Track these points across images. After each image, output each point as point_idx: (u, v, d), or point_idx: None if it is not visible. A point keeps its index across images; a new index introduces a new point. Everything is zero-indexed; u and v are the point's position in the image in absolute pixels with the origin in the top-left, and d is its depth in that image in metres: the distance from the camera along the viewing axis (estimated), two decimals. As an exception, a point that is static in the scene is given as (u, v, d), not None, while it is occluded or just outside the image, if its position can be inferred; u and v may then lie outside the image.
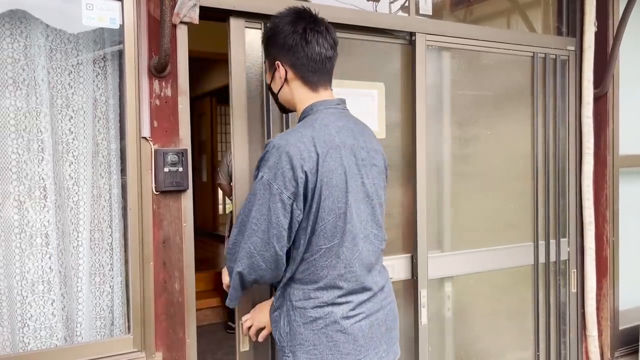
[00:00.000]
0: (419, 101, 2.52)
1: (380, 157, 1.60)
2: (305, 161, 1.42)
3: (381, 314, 1.59)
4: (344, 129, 1.51)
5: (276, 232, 1.45)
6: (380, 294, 1.60)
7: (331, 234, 1.47)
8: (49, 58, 1.91)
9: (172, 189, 1.95)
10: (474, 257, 2.75)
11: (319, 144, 1.44)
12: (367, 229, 1.55)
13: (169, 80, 1.95)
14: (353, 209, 1.48)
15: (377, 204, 1.57)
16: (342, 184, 1.46)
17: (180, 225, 1.98)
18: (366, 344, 1.53)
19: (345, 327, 1.51)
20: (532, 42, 2.87)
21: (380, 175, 1.59)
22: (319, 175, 1.43)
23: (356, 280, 1.53)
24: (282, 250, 1.48)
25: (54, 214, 1.92)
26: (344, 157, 1.47)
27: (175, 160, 1.93)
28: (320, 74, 1.54)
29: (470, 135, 2.79)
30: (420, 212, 2.52)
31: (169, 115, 1.96)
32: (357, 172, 1.51)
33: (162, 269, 1.96)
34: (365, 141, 1.56)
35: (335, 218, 1.47)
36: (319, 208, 1.44)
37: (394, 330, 1.66)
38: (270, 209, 1.44)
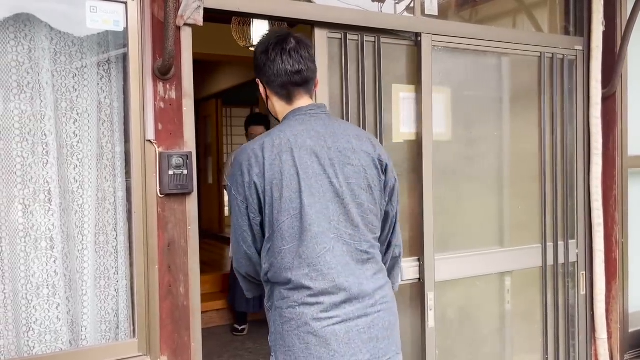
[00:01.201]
0: (424, 102, 2.50)
1: (357, 157, 1.57)
2: (252, 167, 1.51)
3: (364, 320, 1.52)
4: (305, 132, 1.56)
5: (240, 233, 1.57)
6: (366, 300, 1.54)
7: (288, 234, 1.50)
8: (53, 61, 1.90)
9: (177, 192, 1.94)
10: (482, 259, 2.72)
11: (267, 148, 1.52)
12: (340, 229, 1.53)
13: (173, 83, 1.94)
14: (313, 208, 1.50)
15: (351, 204, 1.54)
16: (295, 185, 1.50)
17: (185, 229, 1.97)
18: (341, 349, 1.48)
19: (315, 329, 1.49)
20: (539, 42, 2.85)
21: (357, 174, 1.56)
22: (266, 178, 1.50)
23: (324, 280, 1.50)
24: (249, 250, 1.57)
25: (58, 217, 1.91)
26: (299, 159, 1.51)
27: (179, 163, 1.92)
28: (292, 87, 1.62)
29: (477, 136, 2.76)
30: (427, 215, 2.50)
31: (174, 118, 1.95)
32: (321, 172, 1.53)
33: (167, 272, 1.95)
34: (335, 142, 1.57)
35: (291, 219, 1.50)
36: (272, 210, 1.51)
37: (384, 341, 1.56)
38: (234, 213, 1.57)
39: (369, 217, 1.58)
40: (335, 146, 1.56)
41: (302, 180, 1.50)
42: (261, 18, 2.11)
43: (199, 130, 8.76)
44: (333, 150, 1.55)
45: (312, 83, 1.66)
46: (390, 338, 1.58)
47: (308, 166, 1.52)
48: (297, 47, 1.61)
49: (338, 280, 1.51)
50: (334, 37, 2.30)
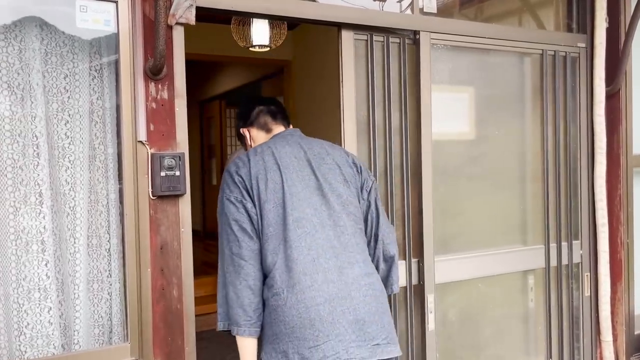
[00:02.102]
0: (423, 101, 2.46)
1: (331, 158, 1.76)
2: (239, 168, 1.71)
3: (348, 302, 1.57)
4: (285, 142, 1.78)
5: (237, 227, 1.64)
6: (350, 283, 1.60)
7: (274, 221, 1.63)
8: (44, 62, 1.88)
9: (169, 194, 1.91)
10: (483, 260, 2.68)
11: (252, 154, 1.74)
12: (323, 217, 1.66)
13: (165, 83, 1.91)
14: (294, 197, 1.65)
15: (330, 194, 1.69)
16: (277, 177, 1.67)
17: (178, 231, 1.94)
18: (325, 329, 1.53)
19: (300, 311, 1.54)
20: (541, 39, 2.80)
21: (333, 171, 1.73)
22: (252, 174, 1.68)
23: (305, 260, 1.59)
24: (251, 240, 1.64)
25: (50, 220, 1.89)
26: (280, 158, 1.71)
27: (172, 164, 1.89)
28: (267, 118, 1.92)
29: (477, 135, 2.72)
30: (426, 215, 2.46)
31: (166, 119, 1.92)
32: (300, 168, 1.71)
33: (159, 275, 1.91)
34: (310, 148, 1.77)
35: (275, 207, 1.64)
36: (260, 199, 1.65)
37: (372, 325, 1.59)
38: (228, 215, 1.66)
39: (350, 208, 1.71)
40: (310, 152, 1.76)
41: (284, 174, 1.68)
42: (256, 17, 2.07)
43: (202, 132, 8.82)
44: (309, 154, 1.75)
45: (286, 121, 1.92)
46: (379, 324, 1.60)
47: (288, 163, 1.71)
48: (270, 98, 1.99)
49: (318, 261, 1.60)
50: (360, 39, 2.36)
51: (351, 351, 1.54)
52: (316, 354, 1.52)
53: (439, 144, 2.56)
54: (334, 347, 1.53)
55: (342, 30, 2.33)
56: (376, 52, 2.38)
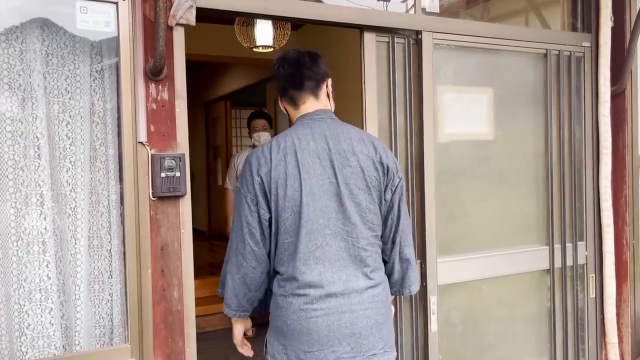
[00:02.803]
0: (426, 102, 2.45)
1: (356, 159, 1.67)
2: (261, 167, 1.66)
3: (347, 316, 1.63)
4: (309, 134, 1.69)
5: (247, 230, 1.66)
6: (353, 296, 1.64)
7: (291, 229, 1.64)
8: (45, 63, 1.88)
9: (170, 195, 1.90)
10: (486, 261, 2.66)
11: (274, 150, 1.67)
12: (337, 226, 1.65)
13: (165, 84, 1.91)
14: (310, 207, 1.63)
15: (349, 202, 1.65)
16: (297, 184, 1.63)
17: (179, 232, 1.94)
18: (320, 340, 1.61)
19: (300, 318, 1.62)
20: (545, 38, 2.78)
21: (356, 175, 1.66)
22: (272, 177, 1.64)
23: (312, 273, 1.62)
24: (256, 246, 1.66)
25: (51, 221, 1.89)
26: (302, 160, 1.65)
27: (172, 165, 1.89)
28: (291, 91, 1.77)
29: (481, 136, 2.70)
30: (428, 216, 2.44)
31: (166, 119, 1.92)
32: (322, 173, 1.65)
33: (160, 276, 1.91)
34: (337, 144, 1.68)
35: (293, 215, 1.64)
36: (277, 206, 1.64)
37: (369, 337, 1.65)
38: (241, 211, 1.67)
39: (368, 216, 1.67)
40: (335, 148, 1.67)
41: (304, 180, 1.63)
42: (258, 17, 2.07)
43: (208, 132, 8.83)
44: (334, 152, 1.67)
45: (315, 85, 1.76)
46: (376, 336, 1.66)
47: (309, 167, 1.65)
48: (296, 57, 1.77)
49: (324, 275, 1.63)
50: (382, 40, 2.40)
51: None
52: (310, 358, 1.62)
53: (443, 145, 2.55)
54: (326, 356, 1.62)
55: (365, 32, 2.34)
56: (396, 54, 2.41)
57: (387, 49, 2.39)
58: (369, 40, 2.35)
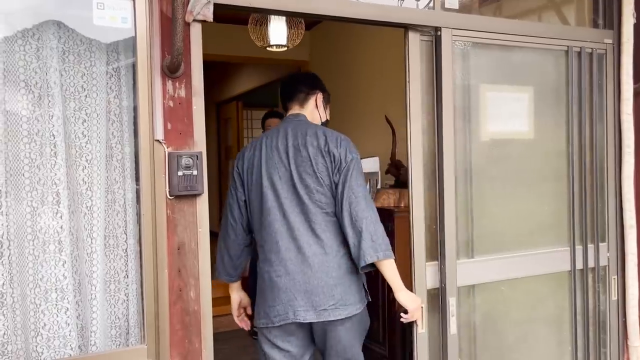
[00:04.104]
0: (445, 100, 2.40)
1: (306, 150, 2.03)
2: (239, 161, 2.16)
3: (301, 277, 1.98)
4: (276, 133, 2.11)
5: (229, 209, 2.16)
6: (306, 262, 1.98)
7: (257, 208, 2.08)
8: (61, 60, 1.86)
9: (187, 193, 1.88)
10: (506, 262, 2.61)
11: (250, 148, 2.15)
12: (291, 205, 2.02)
13: (182, 81, 1.88)
14: (269, 189, 2.04)
15: (299, 185, 2.02)
16: (258, 173, 2.07)
17: (196, 231, 1.91)
18: (280, 295, 1.99)
19: (265, 278, 2.04)
20: (566, 35, 2.72)
21: (305, 163, 2.02)
22: (245, 168, 2.12)
23: (272, 242, 2.03)
24: (234, 221, 2.16)
25: (67, 219, 1.87)
26: (265, 154, 2.07)
27: (189, 163, 1.86)
28: (284, 101, 2.27)
29: (501, 134, 2.65)
30: (448, 217, 2.39)
31: (183, 117, 1.89)
32: (279, 162, 2.05)
33: (177, 276, 1.89)
34: (294, 139, 2.06)
35: (257, 196, 2.08)
36: (249, 190, 2.11)
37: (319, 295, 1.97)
38: (228, 195, 2.19)
39: (316, 196, 2.02)
40: (292, 142, 2.06)
41: (264, 168, 2.06)
42: (274, 13, 2.04)
43: (219, 133, 8.82)
44: (290, 145, 2.05)
45: (302, 97, 2.21)
46: (327, 294, 1.98)
47: (269, 158, 2.07)
48: (294, 77, 2.33)
49: (281, 243, 2.01)
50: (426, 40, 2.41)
51: (297, 313, 1.97)
52: (272, 311, 2.00)
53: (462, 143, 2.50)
54: (285, 309, 1.98)
55: (410, 31, 2.34)
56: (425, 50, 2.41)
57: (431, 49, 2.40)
58: (413, 39, 2.35)
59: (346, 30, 5.13)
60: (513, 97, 2.67)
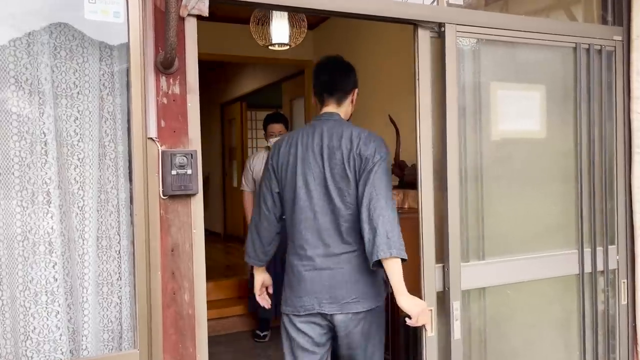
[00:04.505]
0: (449, 97, 2.34)
1: (340, 153, 2.08)
2: (274, 155, 2.20)
3: (327, 272, 2.09)
4: (312, 132, 2.14)
5: (262, 199, 2.22)
6: (332, 258, 2.09)
7: (289, 204, 2.15)
8: (52, 56, 1.81)
9: (181, 193, 1.82)
10: (512, 265, 2.53)
11: (284, 144, 2.19)
12: (322, 204, 2.10)
13: (177, 77, 1.83)
14: (302, 188, 2.10)
15: (332, 186, 2.08)
16: (293, 170, 2.13)
17: (190, 232, 1.85)
18: (307, 287, 2.10)
19: (294, 271, 2.14)
20: (574, 31, 2.64)
21: (338, 166, 2.08)
22: (280, 163, 2.17)
23: (302, 239, 2.12)
24: (267, 210, 2.21)
25: (58, 220, 1.82)
26: (301, 152, 2.12)
27: (183, 162, 1.80)
28: (323, 94, 2.22)
29: (508, 133, 2.58)
30: (451, 218, 2.33)
31: (178, 115, 1.83)
32: (314, 162, 2.10)
33: (170, 278, 1.83)
34: (330, 141, 2.10)
35: (290, 193, 2.14)
36: (282, 185, 2.17)
37: (342, 289, 2.08)
38: (261, 186, 2.24)
39: (347, 198, 2.08)
40: (327, 144, 2.11)
41: (299, 168, 2.12)
42: (275, 9, 1.98)
43: (223, 134, 8.77)
44: (325, 147, 2.10)
45: (342, 95, 2.21)
46: (350, 288, 2.09)
47: (305, 157, 2.12)
48: (334, 67, 2.24)
49: (311, 241, 2.11)
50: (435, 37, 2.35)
51: (322, 306, 2.09)
52: (299, 302, 2.11)
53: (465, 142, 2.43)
54: (310, 301, 2.10)
55: (419, 28, 2.28)
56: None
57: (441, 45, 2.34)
58: (423, 36, 2.29)
59: (350, 29, 5.07)
60: (520, 95, 2.60)
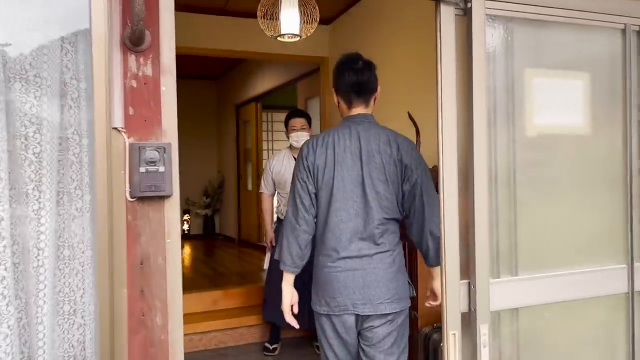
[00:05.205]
0: (476, 87, 1.99)
1: (380, 157, 2.13)
2: (309, 155, 2.18)
3: (360, 273, 2.12)
4: (347, 134, 2.16)
5: (299, 200, 2.17)
6: (365, 259, 2.13)
7: (324, 205, 2.16)
8: (2, 29, 1.53)
9: (151, 195, 1.52)
10: (550, 282, 2.16)
11: (320, 144, 2.18)
12: (359, 207, 2.13)
13: (148, 56, 1.53)
14: (340, 190, 2.12)
15: (369, 190, 2.11)
16: (332, 172, 2.13)
17: (164, 242, 1.55)
18: (340, 288, 2.12)
19: (325, 272, 2.15)
20: (622, 10, 2.27)
21: (378, 170, 2.12)
22: (315, 163, 2.15)
23: (335, 240, 2.13)
24: (306, 212, 2.16)
25: (7, 225, 1.53)
26: (338, 154, 2.14)
27: (155, 157, 1.50)
28: (352, 95, 2.23)
29: (543, 130, 2.22)
30: (479, 228, 1.97)
31: (149, 100, 1.53)
32: (352, 165, 2.13)
33: (139, 297, 1.52)
34: (367, 144, 2.14)
35: (326, 194, 2.15)
36: (318, 187, 2.16)
37: (376, 289, 2.12)
38: (296, 187, 2.19)
39: (384, 202, 2.14)
40: (365, 147, 2.14)
41: (337, 170, 2.13)
42: None
43: (238, 135, 8.52)
44: (363, 150, 2.13)
45: (370, 95, 2.25)
46: (383, 289, 2.13)
47: (343, 160, 2.14)
48: (362, 68, 2.22)
49: (345, 242, 2.12)
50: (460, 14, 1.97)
51: (356, 306, 2.12)
52: (332, 302, 2.14)
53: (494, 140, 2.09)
54: (344, 301, 2.13)
55: (442, 3, 1.92)
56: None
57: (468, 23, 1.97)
58: (446, 13, 1.93)
59: (367, 24, 4.77)
60: (560, 85, 2.24)
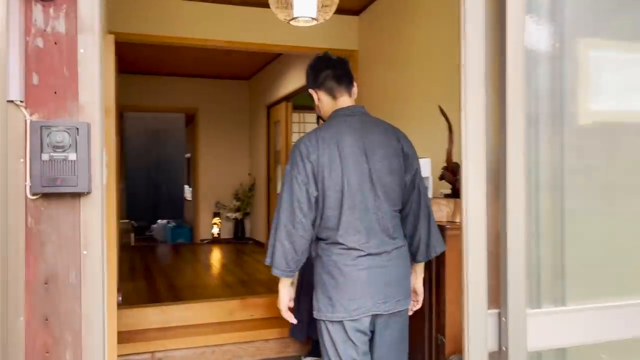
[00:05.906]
0: (510, 72, 1.53)
1: (384, 149, 2.11)
2: (310, 154, 2.06)
3: (382, 270, 2.09)
4: (346, 129, 2.10)
5: (297, 205, 2.05)
6: (384, 256, 2.09)
7: (334, 205, 2.06)
8: None
9: (58, 191, 1.14)
10: (608, 315, 1.67)
11: (320, 141, 2.08)
12: (370, 202, 2.08)
13: (61, 7, 1.16)
14: (351, 187, 2.05)
15: (377, 184, 2.08)
16: (339, 169, 2.05)
17: (78, 253, 1.16)
18: (362, 289, 2.06)
19: (344, 272, 2.07)
20: None
21: (382, 162, 2.09)
22: (319, 162, 2.05)
23: (354, 238, 2.06)
24: (304, 218, 2.05)
25: None
26: (341, 150, 2.06)
27: (62, 141, 1.12)
28: (334, 83, 2.19)
29: (601, 117, 1.75)
30: (512, 242, 1.51)
31: (61, 66, 1.16)
32: (357, 160, 2.06)
33: (41, 328, 1.14)
34: (368, 136, 2.10)
35: (336, 193, 2.06)
36: (323, 186, 2.06)
37: (395, 287, 2.11)
38: (292, 189, 2.07)
39: (391, 195, 2.12)
40: (368, 140, 2.10)
41: (344, 166, 2.06)
42: None
43: (269, 137, 8.23)
44: (366, 144, 2.09)
45: (350, 84, 2.19)
46: (400, 286, 2.14)
47: (348, 156, 2.06)
48: (338, 59, 2.22)
49: (362, 240, 2.07)
50: None
51: (377, 305, 2.07)
52: (351, 304, 2.06)
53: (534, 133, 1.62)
54: (366, 303, 2.06)
55: None
56: None
57: None
58: None
59: (397, 14, 4.41)
60: (623, 60, 1.75)
